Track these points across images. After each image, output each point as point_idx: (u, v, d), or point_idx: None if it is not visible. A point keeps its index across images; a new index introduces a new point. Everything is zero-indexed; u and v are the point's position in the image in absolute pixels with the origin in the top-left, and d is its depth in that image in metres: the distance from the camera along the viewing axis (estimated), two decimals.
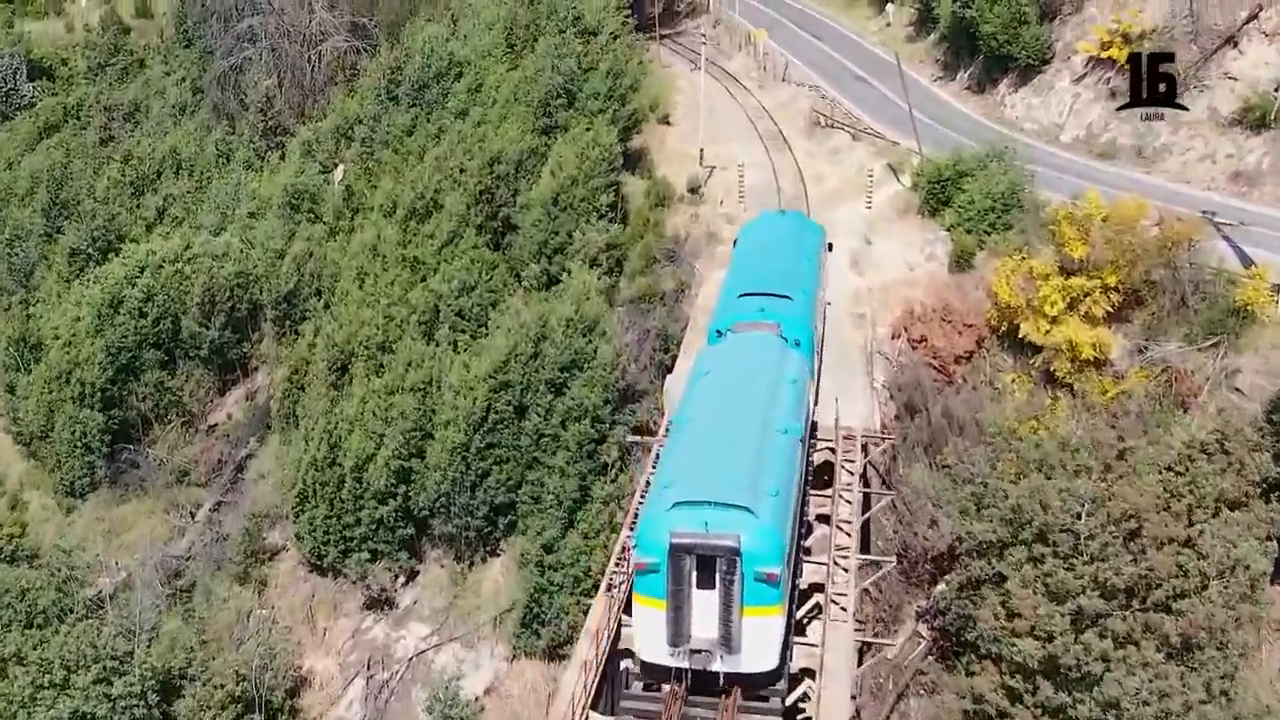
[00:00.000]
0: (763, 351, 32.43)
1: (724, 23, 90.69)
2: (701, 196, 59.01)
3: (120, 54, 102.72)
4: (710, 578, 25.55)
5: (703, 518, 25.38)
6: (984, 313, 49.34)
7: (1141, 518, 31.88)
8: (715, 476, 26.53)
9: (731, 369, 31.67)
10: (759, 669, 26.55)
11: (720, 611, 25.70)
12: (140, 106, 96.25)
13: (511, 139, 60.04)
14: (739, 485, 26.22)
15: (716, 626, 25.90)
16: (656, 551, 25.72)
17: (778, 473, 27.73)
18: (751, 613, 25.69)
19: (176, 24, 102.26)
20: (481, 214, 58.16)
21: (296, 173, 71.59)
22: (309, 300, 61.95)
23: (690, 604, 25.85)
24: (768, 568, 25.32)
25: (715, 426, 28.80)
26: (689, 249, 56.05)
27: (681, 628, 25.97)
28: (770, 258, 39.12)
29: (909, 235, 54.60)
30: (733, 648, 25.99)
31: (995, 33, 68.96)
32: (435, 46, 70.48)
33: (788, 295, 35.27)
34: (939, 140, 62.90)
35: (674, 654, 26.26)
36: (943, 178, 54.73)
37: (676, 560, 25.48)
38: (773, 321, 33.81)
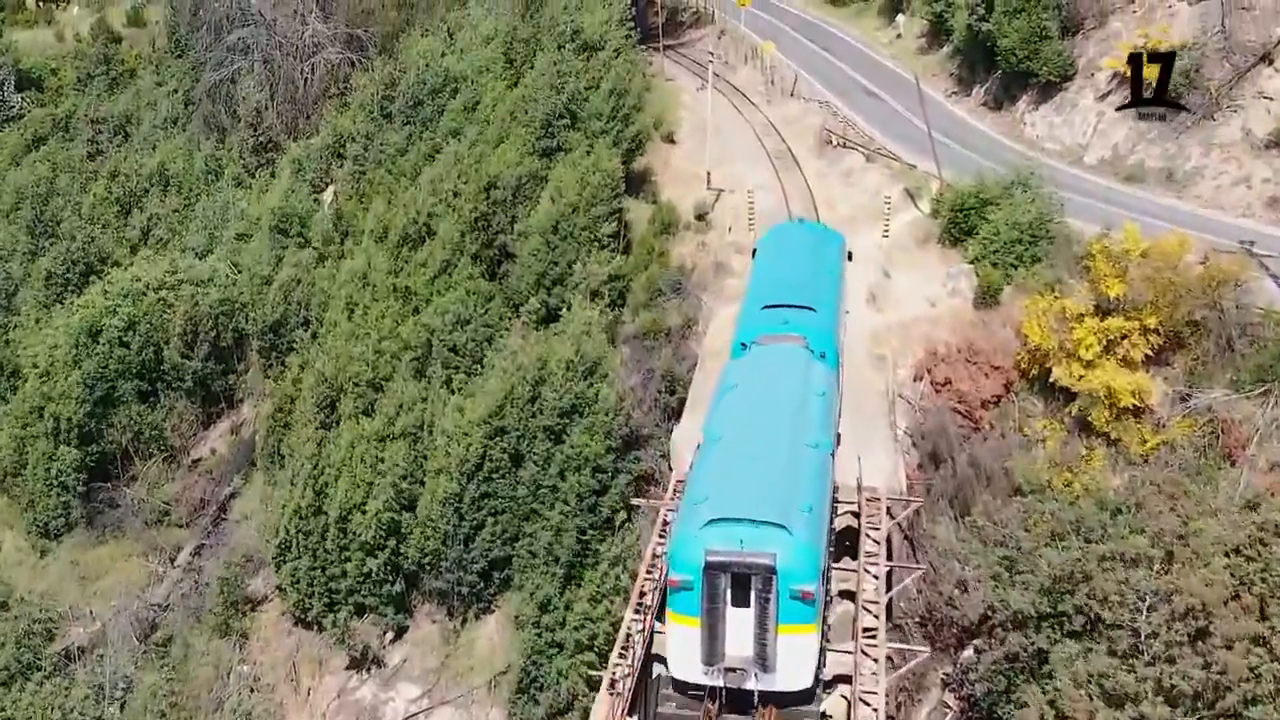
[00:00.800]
0: (789, 365, 31.58)
1: (729, 34, 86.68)
2: (709, 223, 55.15)
3: (110, 64, 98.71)
4: (745, 595, 24.92)
5: (738, 535, 24.75)
6: (1012, 354, 45.48)
7: (1210, 614, 28.03)
8: (749, 493, 25.85)
9: (758, 383, 30.77)
10: (794, 687, 25.79)
11: (755, 630, 25.04)
12: (130, 118, 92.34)
13: (509, 162, 56.16)
14: (773, 502, 25.53)
15: (751, 645, 25.22)
16: (691, 569, 25.06)
17: (810, 489, 26.99)
18: (787, 631, 25.02)
19: (168, 33, 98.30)
20: (477, 242, 54.31)
21: (286, 193, 67.77)
22: (296, 330, 58.07)
23: (725, 622, 25.20)
24: (803, 585, 24.71)
25: (745, 442, 28.06)
26: (696, 281, 52.18)
27: (716, 646, 25.32)
28: (791, 268, 37.83)
29: (930, 267, 50.70)
30: (768, 666, 25.25)
31: (1014, 48, 65.03)
32: (430, 62, 66.58)
33: (811, 307, 34.27)
34: (956, 161, 58.99)
35: (708, 672, 25.57)
36: (965, 206, 50.82)
37: (711, 578, 24.82)
38: (798, 334, 32.82)
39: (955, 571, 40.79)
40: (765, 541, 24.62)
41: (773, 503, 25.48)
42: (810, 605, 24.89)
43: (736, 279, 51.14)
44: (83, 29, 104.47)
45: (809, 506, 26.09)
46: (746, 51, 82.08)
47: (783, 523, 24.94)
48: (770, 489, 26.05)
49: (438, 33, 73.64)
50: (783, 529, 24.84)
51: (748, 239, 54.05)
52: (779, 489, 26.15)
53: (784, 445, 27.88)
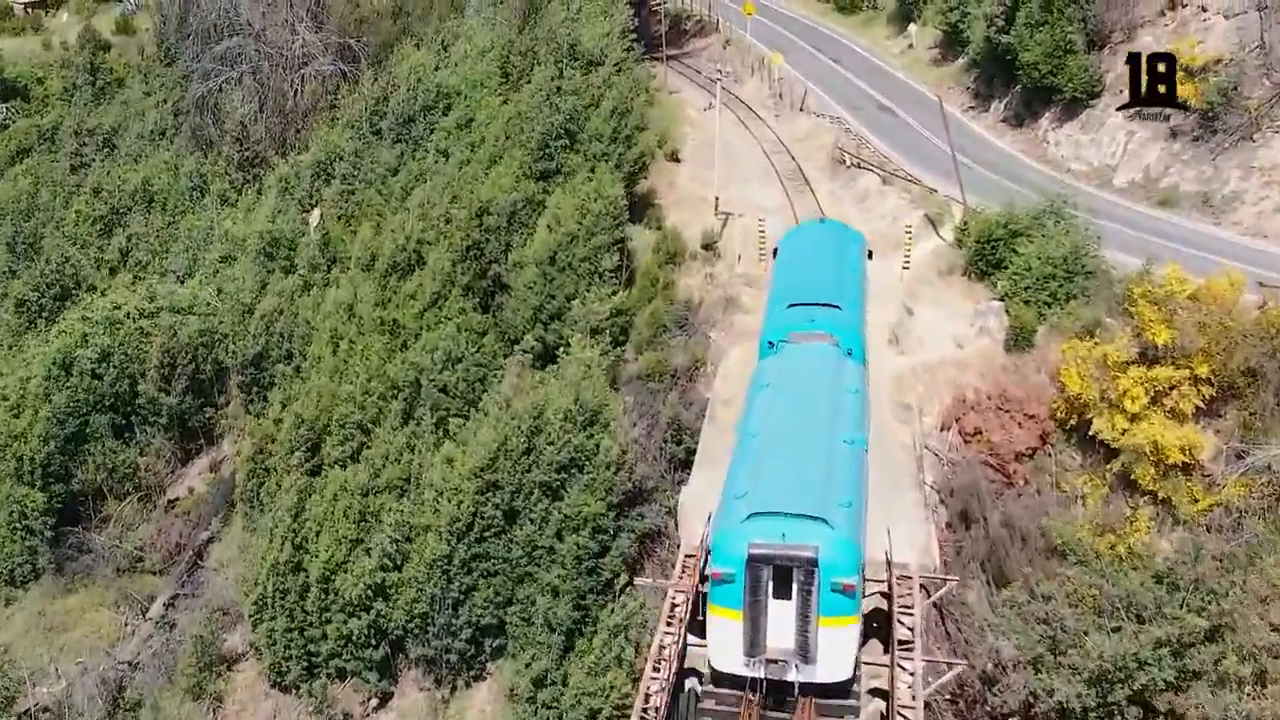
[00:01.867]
0: (820, 362, 31.53)
1: (734, 43, 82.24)
2: (717, 253, 50.76)
3: (97, 73, 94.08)
4: (787, 588, 25.09)
5: (779, 529, 24.87)
6: (1048, 401, 41.11)
7: None
8: (788, 488, 25.99)
9: (790, 380, 30.70)
10: (834, 679, 25.75)
11: (797, 622, 25.18)
12: (117, 130, 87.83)
13: (503, 187, 51.80)
14: (813, 496, 25.65)
15: (793, 636, 25.34)
16: (733, 562, 25.07)
17: (847, 484, 27.00)
18: (827, 623, 25.04)
19: (158, 41, 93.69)
20: (469, 272, 49.98)
21: (272, 214, 63.36)
22: (278, 364, 53.73)
23: (767, 614, 25.31)
24: (845, 578, 24.73)
25: (781, 438, 28.09)
26: (703, 316, 47.84)
27: (758, 637, 25.40)
28: (815, 267, 37.53)
29: (955, 302, 46.33)
30: (809, 658, 25.31)
31: (1037, 62, 60.66)
32: (422, 76, 62.17)
33: (837, 305, 34.13)
34: (976, 183, 54.70)
35: (749, 664, 25.59)
36: (993, 237, 46.41)
37: (754, 571, 24.93)
38: (826, 332, 32.65)
39: (990, 645, 36.52)
40: (807, 535, 24.73)
41: (813, 497, 25.55)
42: (851, 598, 24.88)
43: (747, 315, 46.83)
44: (70, 37, 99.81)
45: (848, 502, 26.14)
46: (753, 63, 77.66)
47: (823, 516, 25.01)
48: (809, 484, 26.15)
49: (431, 45, 69.15)
50: (823, 523, 24.90)
51: (759, 270, 49.76)
52: (818, 484, 26.22)
53: (820, 441, 27.90)
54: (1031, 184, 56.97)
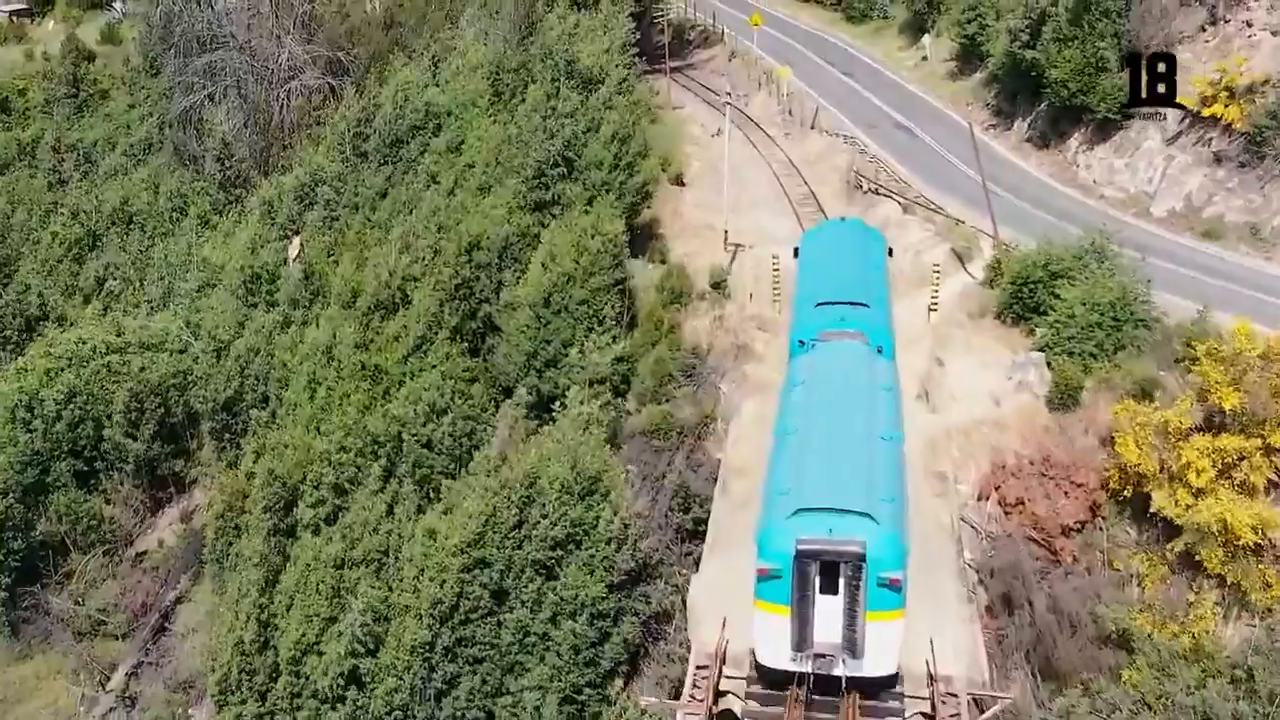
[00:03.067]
0: (853, 360, 31.41)
1: (740, 55, 77.16)
2: (726, 292, 45.69)
3: (80, 85, 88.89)
4: (833, 583, 25.08)
5: (826, 524, 24.85)
6: (1098, 468, 36.10)
7: None
8: (832, 484, 25.90)
9: (825, 378, 30.50)
10: (881, 673, 25.80)
11: (844, 616, 25.14)
12: (99, 145, 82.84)
13: (495, 219, 46.79)
14: (858, 492, 25.63)
15: (840, 631, 25.31)
16: (780, 557, 25.06)
17: (888, 480, 27.00)
18: (874, 617, 25.03)
19: (143, 51, 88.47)
20: (457, 313, 44.99)
21: (253, 241, 58.28)
22: (253, 408, 48.76)
23: (814, 609, 25.26)
24: (891, 573, 24.82)
25: (820, 435, 27.93)
26: (712, 363, 42.83)
27: (806, 632, 25.34)
28: (840, 266, 37.14)
29: (989, 351, 41.30)
30: (856, 652, 25.30)
31: (1066, 79, 55.54)
32: (409, 95, 57.10)
33: (865, 303, 34.06)
34: (1001, 209, 49.86)
35: (796, 658, 25.53)
36: (1030, 279, 41.37)
37: (802, 566, 24.90)
38: (857, 330, 32.58)
39: None
40: (854, 530, 24.66)
41: (857, 493, 25.50)
42: (897, 592, 24.87)
43: (761, 364, 41.88)
44: (55, 47, 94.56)
45: (891, 497, 26.09)
46: (760, 76, 72.63)
47: (869, 512, 24.92)
48: (852, 480, 26.08)
49: (420, 60, 64.05)
50: (869, 518, 24.84)
51: (772, 312, 44.78)
52: (860, 480, 26.15)
53: (859, 438, 27.79)
54: (1062, 212, 52.07)
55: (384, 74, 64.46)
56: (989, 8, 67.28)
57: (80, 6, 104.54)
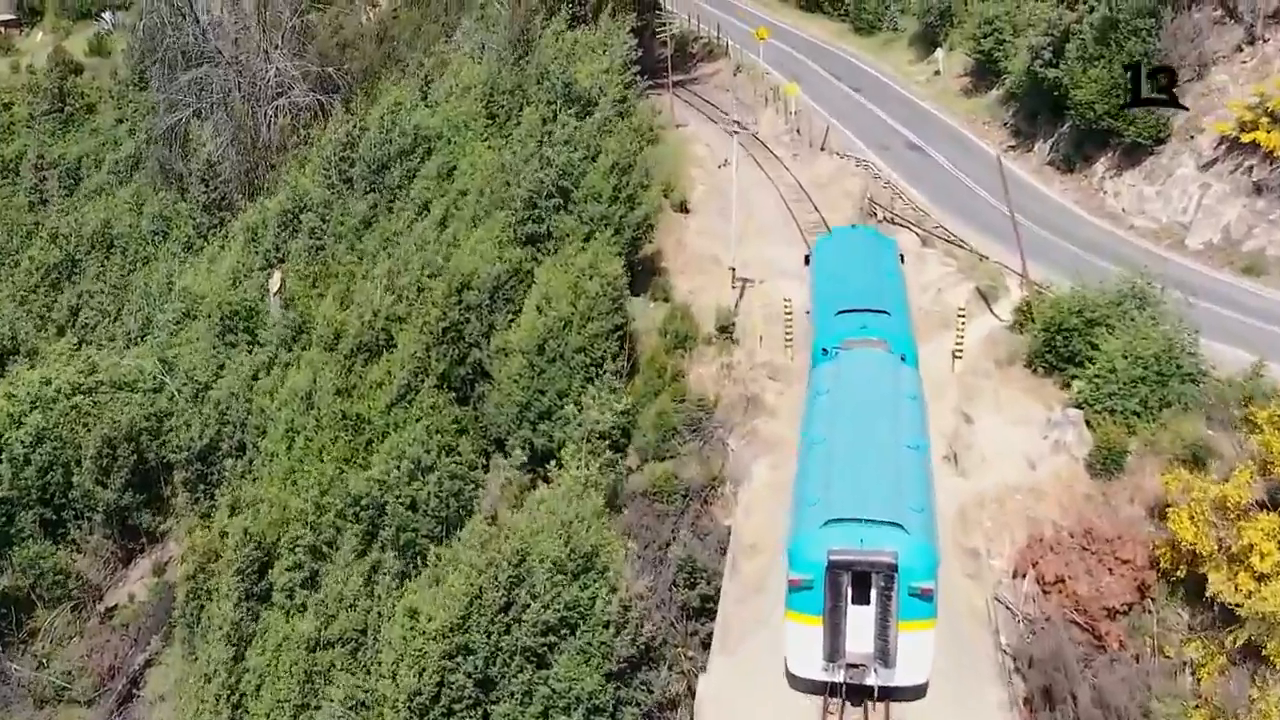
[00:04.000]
0: (878, 368, 31.09)
1: (745, 69, 73.10)
2: (734, 336, 41.71)
3: (67, 98, 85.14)
4: (865, 593, 24.71)
5: (857, 535, 24.48)
6: (1146, 542, 32.13)
7: None
8: (862, 494, 25.50)
9: (850, 387, 30.15)
10: (913, 682, 25.33)
11: (877, 626, 24.73)
12: (84, 161, 79.17)
13: (486, 256, 42.88)
14: (888, 502, 25.25)
15: (873, 641, 24.88)
16: (812, 568, 24.67)
17: (917, 489, 26.69)
18: (907, 627, 24.59)
19: (132, 63, 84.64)
20: (445, 358, 41.13)
21: (235, 273, 54.37)
22: (229, 458, 44.92)
23: (846, 619, 24.80)
24: (923, 583, 24.51)
25: (848, 445, 27.60)
26: (720, 416, 38.87)
27: (838, 642, 24.88)
28: (857, 274, 36.77)
29: (1021, 405, 37.32)
30: (889, 662, 24.85)
31: (1092, 101, 51.56)
32: (397, 118, 53.15)
33: (885, 311, 33.81)
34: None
35: (828, 668, 25.11)
36: (1064, 326, 37.38)
37: (834, 577, 24.50)
38: (880, 338, 32.32)
39: None
40: (885, 540, 24.38)
41: (887, 503, 25.21)
42: (929, 602, 24.62)
43: (773, 420, 37.92)
44: (41, 59, 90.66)
45: (920, 507, 25.83)
46: (766, 92, 68.58)
47: (899, 522, 24.68)
48: (882, 490, 25.76)
49: (411, 79, 60.10)
50: (900, 528, 24.57)
51: (784, 358, 40.80)
52: (890, 490, 25.84)
53: (886, 448, 27.48)
54: (1089, 243, 48.18)
55: (374, 92, 60.52)
56: (1006, 22, 63.36)
57: (70, 17, 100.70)
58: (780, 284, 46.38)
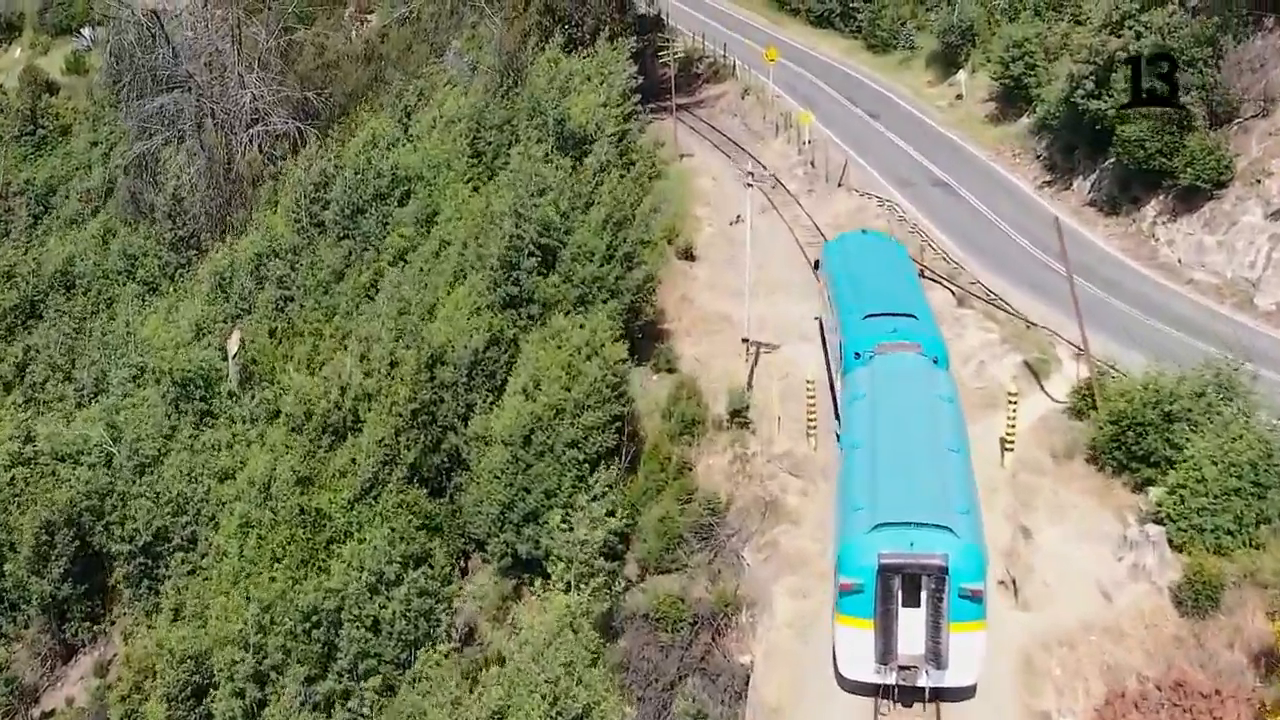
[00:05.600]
0: (914, 372, 30.74)
1: (754, 91, 66.70)
2: (750, 426, 35.29)
3: (39, 120, 78.64)
4: (915, 596, 24.19)
5: (907, 538, 23.99)
6: (1251, 699, 25.83)
7: None
8: (908, 498, 25.23)
9: (888, 391, 29.67)
10: (964, 683, 24.66)
11: (928, 628, 24.15)
12: (55, 188, 72.74)
13: (462, 327, 36.56)
14: (934, 505, 24.98)
15: (924, 643, 24.26)
16: (863, 573, 24.09)
17: (961, 492, 26.18)
18: (958, 628, 23.96)
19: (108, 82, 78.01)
20: (416, 444, 34.86)
21: (198, 325, 48.04)
22: (178, 551, 38.66)
23: (897, 622, 24.19)
24: (973, 584, 23.93)
25: (890, 449, 27.14)
26: (733, 522, 32.51)
27: (890, 645, 24.28)
28: (878, 278, 36.40)
29: (1087, 513, 30.97)
30: (941, 663, 24.20)
31: (1142, 138, 45.14)
32: (372, 157, 46.77)
33: (913, 314, 33.59)
34: (1066, 293, 39.91)
35: (880, 671, 24.48)
36: (1136, 420, 30.97)
37: (886, 580, 23.95)
38: (913, 341, 31.89)
39: None
40: (935, 543, 23.88)
41: (934, 506, 24.94)
42: (979, 603, 24.08)
43: (796, 529, 31.62)
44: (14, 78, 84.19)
45: (966, 509, 25.44)
46: (777, 119, 62.17)
47: (948, 525, 24.36)
48: (928, 493, 25.44)
49: (391, 109, 53.68)
50: (948, 531, 24.23)
51: (806, 447, 34.47)
52: (936, 493, 25.52)
53: (929, 451, 27.21)
54: (1142, 299, 41.88)
55: (352, 122, 54.13)
56: (1036, 45, 56.96)
57: (48, 33, 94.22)
58: (798, 349, 40.24)
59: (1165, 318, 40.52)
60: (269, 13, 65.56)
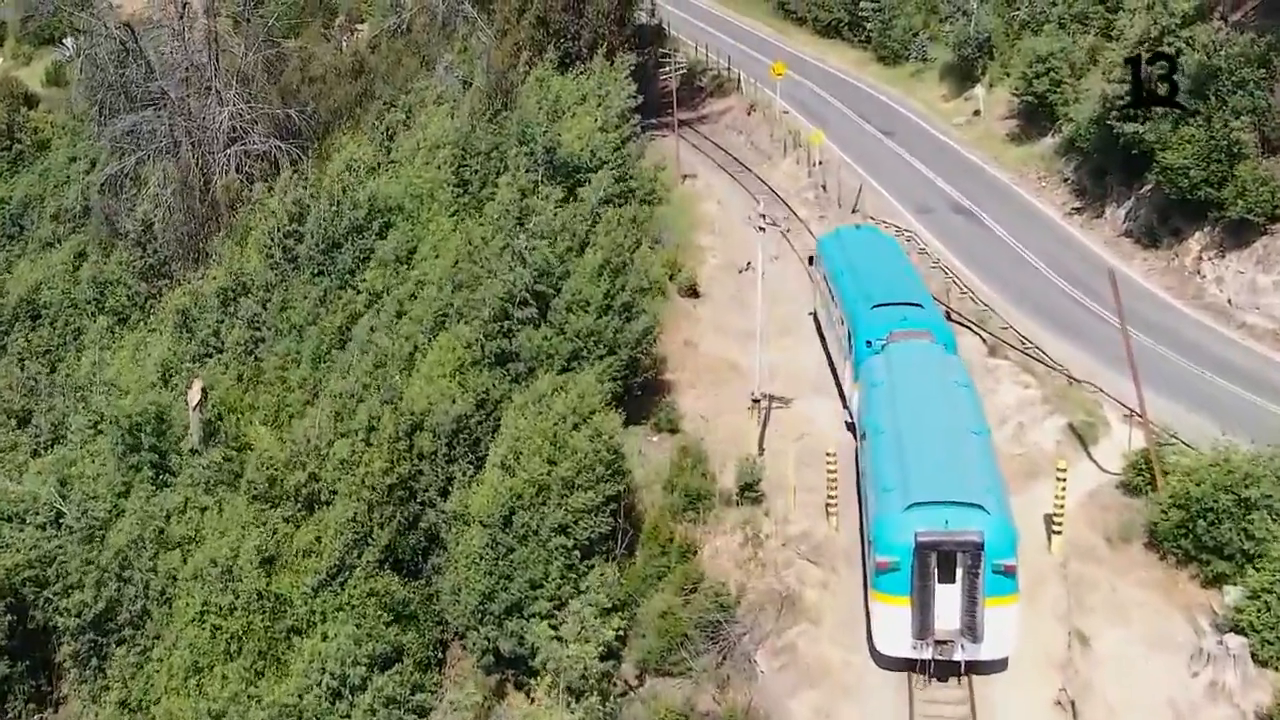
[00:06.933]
0: (928, 358, 31.12)
1: (760, 107, 62.09)
2: (761, 497, 30.80)
3: (19, 133, 74.18)
4: (949, 572, 24.29)
5: (942, 516, 24.19)
6: None
7: None
8: (941, 478, 25.41)
9: (905, 378, 29.83)
10: (998, 655, 24.86)
11: (963, 603, 24.27)
12: (31, 205, 68.28)
13: (444, 388, 32.08)
14: (965, 484, 25.18)
15: (959, 617, 24.41)
16: (899, 551, 24.38)
17: (987, 471, 26.30)
18: (993, 603, 24.13)
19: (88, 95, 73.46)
20: (390, 523, 30.40)
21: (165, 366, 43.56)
22: (126, 628, 34.19)
23: (934, 598, 24.20)
24: (1006, 560, 24.15)
25: (915, 432, 27.24)
26: (744, 618, 27.99)
27: (927, 620, 24.37)
28: (880, 270, 36.41)
29: (1152, 613, 26.53)
30: (977, 637, 24.27)
31: (1186, 166, 40.59)
32: (349, 188, 42.24)
33: (919, 304, 34.10)
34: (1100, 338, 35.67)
35: (917, 646, 24.60)
36: (1206, 505, 26.48)
37: (923, 557, 24.10)
38: (924, 329, 32.38)
39: None
40: (969, 520, 24.08)
41: (967, 485, 25.13)
42: (1011, 578, 24.22)
43: (817, 630, 27.18)
44: None
45: (993, 488, 25.58)
46: (785, 137, 57.59)
47: (980, 503, 24.54)
48: (958, 473, 25.63)
49: (373, 133, 49.14)
50: (980, 509, 24.38)
51: (826, 527, 30.01)
52: (965, 473, 25.70)
53: (953, 433, 27.30)
54: (1192, 346, 37.45)
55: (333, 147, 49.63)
56: (1062, 60, 52.38)
57: (31, 43, 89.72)
58: (813, 405, 35.85)
59: (1217, 367, 36.09)
60: (248, 25, 61.07)
